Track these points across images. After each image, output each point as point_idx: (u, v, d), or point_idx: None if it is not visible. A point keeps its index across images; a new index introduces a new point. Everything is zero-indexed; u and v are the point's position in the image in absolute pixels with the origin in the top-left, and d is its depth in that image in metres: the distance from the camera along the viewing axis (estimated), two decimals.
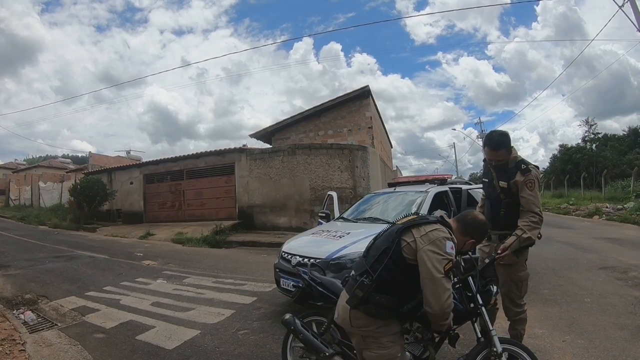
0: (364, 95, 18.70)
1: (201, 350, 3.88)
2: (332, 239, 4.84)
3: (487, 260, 2.94)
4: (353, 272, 2.38)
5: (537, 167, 3.16)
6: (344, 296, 2.35)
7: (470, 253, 3.28)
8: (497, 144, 3.08)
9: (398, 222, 2.34)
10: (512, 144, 3.13)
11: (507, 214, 3.15)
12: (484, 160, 3.40)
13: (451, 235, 2.20)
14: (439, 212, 2.44)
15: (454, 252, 2.14)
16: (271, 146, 18.78)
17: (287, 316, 2.87)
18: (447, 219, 2.35)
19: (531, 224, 2.98)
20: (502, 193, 3.14)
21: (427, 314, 2.13)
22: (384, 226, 5.06)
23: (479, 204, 3.78)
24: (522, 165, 3.07)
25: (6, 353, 3.74)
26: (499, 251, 2.98)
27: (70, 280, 7.02)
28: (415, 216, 2.39)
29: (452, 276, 2.17)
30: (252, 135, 21.10)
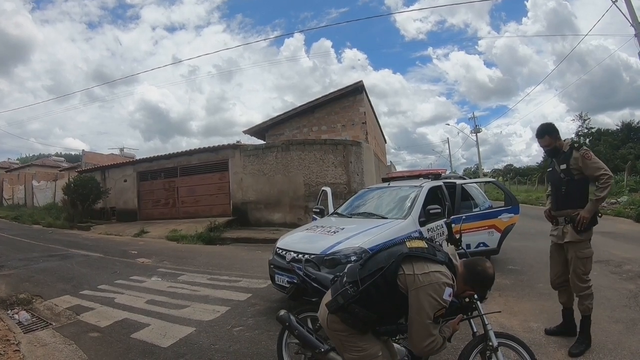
0: (357, 90, 18.64)
1: (196, 347, 3.86)
2: (326, 235, 4.83)
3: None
4: (344, 276, 2.37)
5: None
6: (327, 296, 2.35)
7: (461, 246, 3.29)
8: (540, 132, 3.62)
9: (407, 243, 2.27)
10: (558, 132, 3.62)
11: (567, 192, 3.53)
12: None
13: (453, 281, 2.13)
14: (451, 250, 2.39)
15: (450, 299, 2.09)
16: (265, 142, 18.68)
17: (282, 312, 2.86)
18: (455, 261, 2.31)
19: (601, 185, 3.36)
20: (562, 173, 3.54)
21: None
22: (379, 221, 5.09)
23: (546, 193, 4.15)
24: (575, 144, 3.55)
25: (0, 354, 3.71)
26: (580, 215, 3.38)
27: (64, 279, 6.97)
28: (427, 246, 2.25)
29: (439, 321, 2.11)
30: (245, 132, 21.01)
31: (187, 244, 11.57)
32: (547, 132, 3.58)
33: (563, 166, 3.52)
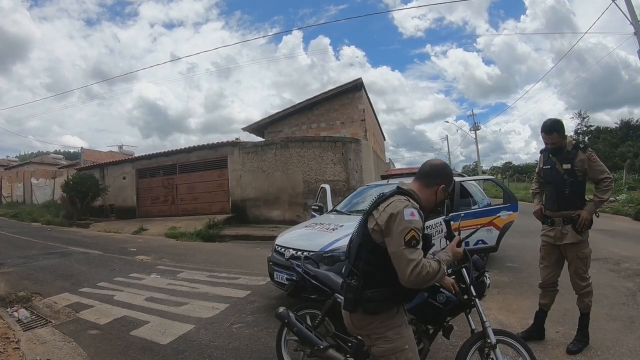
0: (356, 87, 18.61)
1: (195, 344, 3.87)
2: (325, 232, 4.83)
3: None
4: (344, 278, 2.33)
5: None
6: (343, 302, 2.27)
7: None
8: (550, 128, 3.44)
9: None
10: (565, 131, 3.49)
11: (571, 193, 3.45)
12: (542, 151, 3.76)
13: (410, 201, 2.04)
14: (401, 182, 2.31)
15: (414, 218, 1.97)
16: (264, 139, 18.67)
17: (281, 309, 2.86)
18: (403, 186, 2.19)
19: (604, 188, 3.38)
20: (566, 174, 3.44)
21: None
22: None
23: (533, 188, 4.06)
24: (580, 145, 3.50)
25: (0, 351, 3.71)
26: (582, 216, 3.36)
27: (63, 277, 6.96)
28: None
29: (416, 244, 1.95)
30: (244, 129, 21.00)
31: (186, 241, 11.58)
32: (556, 130, 3.42)
33: (567, 166, 3.42)
